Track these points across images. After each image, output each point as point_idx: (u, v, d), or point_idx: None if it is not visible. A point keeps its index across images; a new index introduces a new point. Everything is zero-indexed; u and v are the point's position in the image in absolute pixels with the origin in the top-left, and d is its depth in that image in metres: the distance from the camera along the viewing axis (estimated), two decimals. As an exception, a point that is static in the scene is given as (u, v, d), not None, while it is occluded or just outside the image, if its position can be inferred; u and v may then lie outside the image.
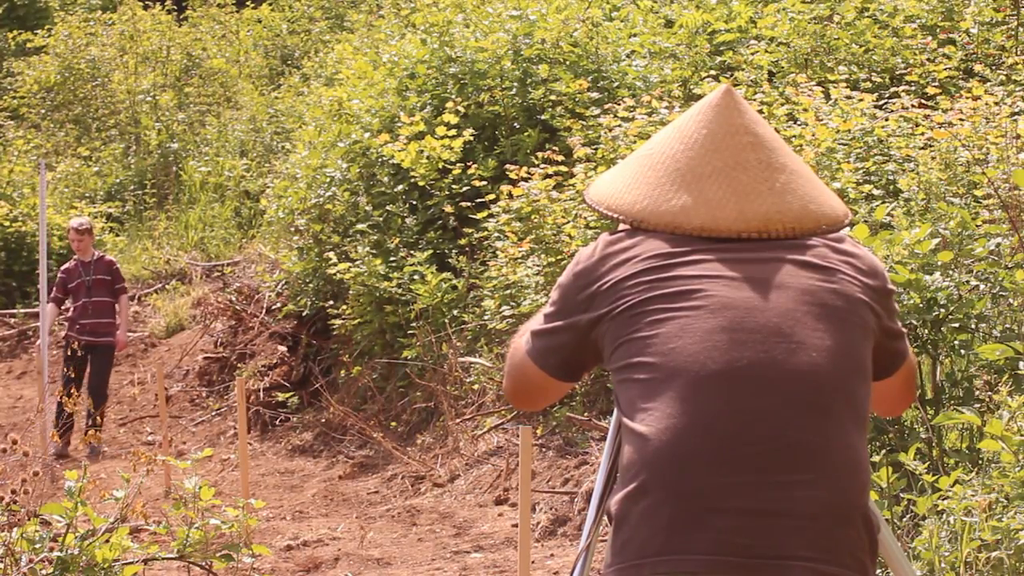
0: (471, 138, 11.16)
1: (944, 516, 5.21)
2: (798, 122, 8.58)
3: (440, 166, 11.12)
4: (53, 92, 21.55)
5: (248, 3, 23.10)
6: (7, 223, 17.49)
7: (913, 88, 9.47)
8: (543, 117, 11.19)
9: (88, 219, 12.51)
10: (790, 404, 2.42)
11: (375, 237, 11.39)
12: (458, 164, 11.03)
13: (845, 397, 2.46)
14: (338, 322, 11.66)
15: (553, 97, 11.12)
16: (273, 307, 13.19)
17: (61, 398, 9.92)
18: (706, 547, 2.36)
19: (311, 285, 12.48)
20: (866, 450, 2.51)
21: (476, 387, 9.92)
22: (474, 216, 10.58)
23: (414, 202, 11.46)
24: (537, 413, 9.31)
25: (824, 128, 8.22)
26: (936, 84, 9.59)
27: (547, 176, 9.68)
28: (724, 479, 2.38)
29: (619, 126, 9.38)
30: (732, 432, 2.40)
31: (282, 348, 12.76)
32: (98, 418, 11.67)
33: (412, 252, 10.93)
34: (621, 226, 2.63)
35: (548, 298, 2.72)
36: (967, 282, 6.35)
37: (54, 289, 12.05)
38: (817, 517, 2.38)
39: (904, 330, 2.71)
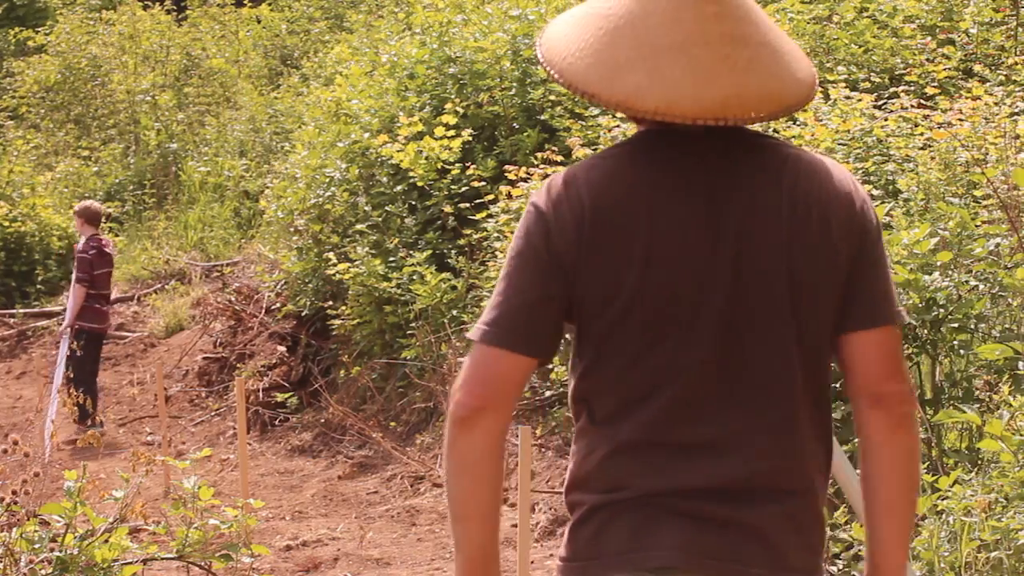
0: (470, 138, 11.16)
1: (944, 516, 5.21)
2: (797, 122, 8.58)
3: (439, 166, 11.12)
4: (53, 91, 21.56)
5: (247, 2, 23.09)
6: (7, 223, 17.50)
7: (912, 88, 9.47)
8: (542, 117, 11.19)
9: (82, 205, 12.57)
10: (743, 407, 2.41)
11: (374, 237, 11.40)
12: (457, 164, 11.03)
13: (806, 396, 2.44)
14: (337, 322, 11.66)
15: (552, 97, 11.12)
16: (272, 307, 13.19)
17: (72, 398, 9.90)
18: (671, 542, 2.38)
19: (310, 285, 12.48)
20: (822, 435, 2.46)
21: (475, 387, 9.91)
22: (473, 216, 10.59)
23: (413, 202, 11.46)
24: (537, 414, 9.32)
25: (823, 128, 8.22)
26: (935, 84, 9.59)
27: (546, 176, 9.67)
28: (684, 484, 2.39)
29: (618, 126, 9.38)
30: (685, 434, 2.41)
31: (281, 348, 12.76)
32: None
33: (411, 252, 10.93)
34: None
35: None
36: (966, 282, 6.35)
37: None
38: (775, 527, 2.40)
39: (889, 284, 2.49)
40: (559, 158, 9.84)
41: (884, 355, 2.45)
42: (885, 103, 9.02)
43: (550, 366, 9.33)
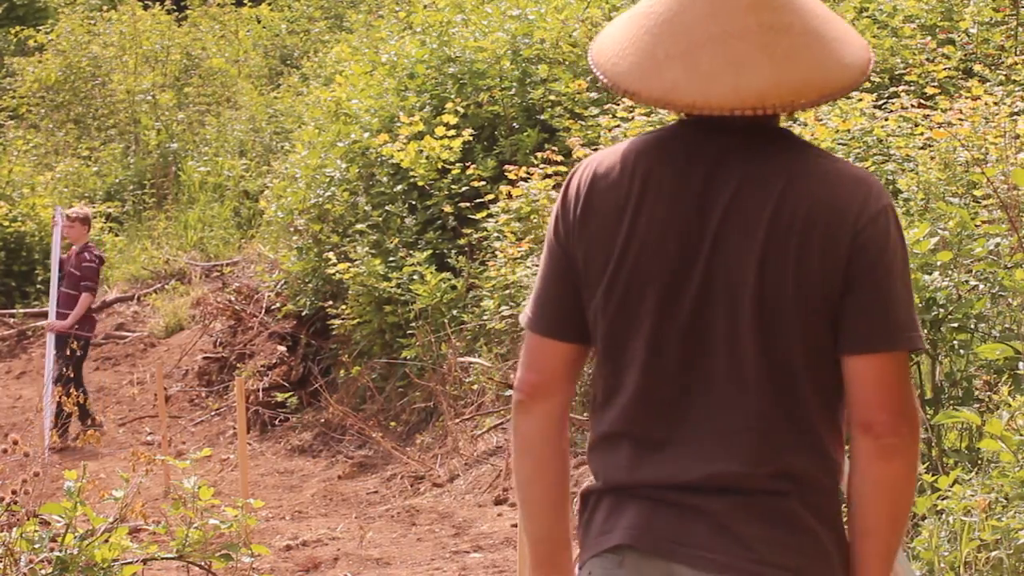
0: (470, 138, 11.16)
1: (944, 516, 5.21)
2: (798, 122, 8.58)
3: (439, 166, 11.12)
4: (53, 91, 21.56)
5: (247, 2, 23.09)
6: (7, 223, 17.50)
7: (912, 88, 9.47)
8: (542, 117, 11.19)
9: (83, 212, 12.55)
10: (708, 409, 2.42)
11: (374, 237, 11.40)
12: (457, 164, 11.03)
13: (778, 405, 2.40)
14: (337, 322, 11.66)
15: (552, 97, 11.12)
16: (272, 307, 13.19)
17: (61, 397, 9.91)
18: (628, 523, 2.42)
19: (310, 285, 12.48)
20: (806, 445, 2.41)
21: (475, 387, 9.92)
22: (473, 216, 10.59)
23: (413, 202, 11.46)
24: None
25: (823, 128, 8.22)
26: (935, 84, 9.59)
27: (546, 176, 9.69)
28: (647, 479, 2.42)
29: (618, 126, 9.38)
30: (651, 430, 2.44)
31: (281, 348, 12.76)
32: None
33: (411, 252, 10.93)
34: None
35: None
36: (966, 282, 6.35)
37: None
38: (736, 516, 2.38)
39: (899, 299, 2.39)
40: (559, 158, 9.83)
41: (876, 383, 2.38)
42: (885, 103, 9.02)
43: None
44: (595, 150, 9.54)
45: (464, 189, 10.97)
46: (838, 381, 2.41)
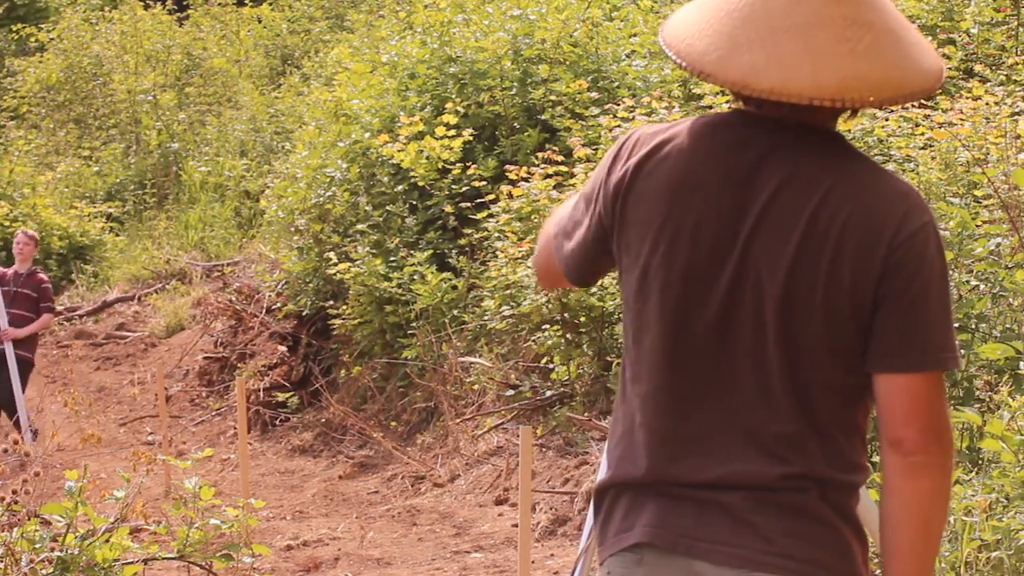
0: (471, 138, 11.16)
1: (944, 516, 5.21)
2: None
3: (440, 166, 11.12)
4: (54, 91, 21.58)
5: (248, 2, 23.11)
6: (7, 223, 17.50)
7: (913, 88, 9.46)
8: (543, 117, 11.20)
9: (33, 232, 12.41)
10: (727, 408, 2.40)
11: (375, 237, 11.40)
12: (458, 164, 11.03)
13: (797, 412, 2.38)
14: (338, 322, 11.67)
15: (553, 97, 11.12)
16: (273, 307, 13.20)
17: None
18: (646, 520, 2.40)
19: (311, 285, 12.49)
20: (827, 453, 2.39)
21: (476, 387, 9.92)
22: (474, 216, 10.59)
23: (414, 202, 11.46)
24: (538, 414, 9.32)
25: (824, 128, 8.22)
26: (936, 84, 9.58)
27: (547, 176, 9.68)
28: (665, 475, 2.41)
29: (619, 126, 9.38)
30: (669, 425, 2.42)
31: (282, 348, 12.77)
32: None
33: (412, 252, 10.93)
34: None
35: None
36: (967, 282, 6.35)
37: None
38: (754, 509, 2.36)
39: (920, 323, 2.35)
40: (560, 158, 9.83)
41: (905, 400, 2.34)
42: (886, 103, 9.01)
43: (551, 366, 9.33)
44: (595, 150, 9.57)
45: (465, 189, 10.97)
46: (861, 388, 2.39)
